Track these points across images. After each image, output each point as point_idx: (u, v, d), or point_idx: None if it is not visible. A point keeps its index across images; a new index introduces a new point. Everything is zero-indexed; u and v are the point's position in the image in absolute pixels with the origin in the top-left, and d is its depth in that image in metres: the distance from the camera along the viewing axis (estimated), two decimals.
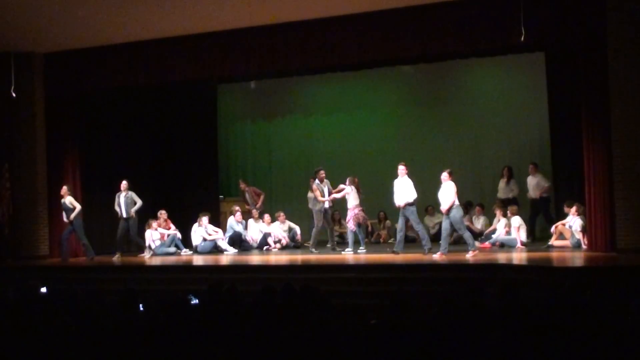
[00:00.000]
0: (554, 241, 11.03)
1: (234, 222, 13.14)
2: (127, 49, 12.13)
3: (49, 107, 12.74)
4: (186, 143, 14.52)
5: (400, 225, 10.88)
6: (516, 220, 11.50)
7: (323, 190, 11.90)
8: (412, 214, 10.71)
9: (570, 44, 10.48)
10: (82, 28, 11.29)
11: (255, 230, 13.34)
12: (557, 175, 12.19)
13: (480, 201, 13.10)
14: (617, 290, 5.92)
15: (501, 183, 12.58)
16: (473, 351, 3.97)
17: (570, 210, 10.84)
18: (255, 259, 11.87)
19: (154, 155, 14.64)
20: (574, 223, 10.76)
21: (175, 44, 11.87)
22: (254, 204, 13.72)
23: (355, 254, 11.26)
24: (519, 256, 10.34)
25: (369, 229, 13.67)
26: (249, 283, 8.76)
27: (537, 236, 12.14)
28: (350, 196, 11.50)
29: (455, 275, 9.12)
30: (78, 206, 11.94)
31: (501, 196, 12.46)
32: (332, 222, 12.68)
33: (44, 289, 6.92)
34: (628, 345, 3.90)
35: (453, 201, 10.26)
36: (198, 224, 12.78)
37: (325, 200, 11.83)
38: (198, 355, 3.94)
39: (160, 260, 11.84)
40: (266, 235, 13.18)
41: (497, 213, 11.97)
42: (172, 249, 12.58)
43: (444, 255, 10.13)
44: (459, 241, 11.08)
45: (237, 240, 13.01)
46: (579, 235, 10.63)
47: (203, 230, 12.78)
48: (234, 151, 16.24)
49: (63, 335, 4.38)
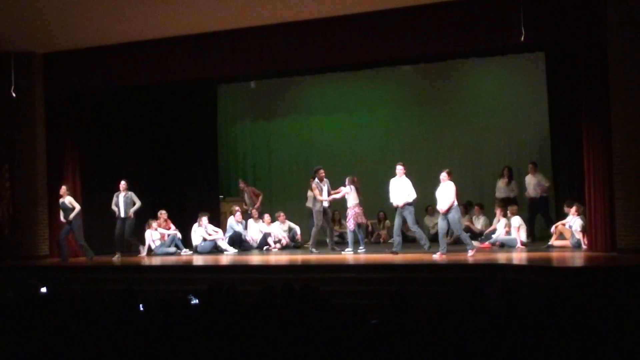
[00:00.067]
0: (554, 241, 11.03)
1: (234, 222, 13.14)
2: (127, 49, 12.13)
3: (48, 107, 12.75)
4: (186, 143, 14.51)
5: (397, 226, 10.86)
6: (516, 220, 11.50)
7: (322, 189, 11.90)
8: (410, 214, 10.71)
9: (570, 44, 10.47)
10: (82, 28, 11.29)
11: (255, 230, 13.34)
12: (557, 175, 12.19)
13: (480, 201, 13.12)
14: (617, 290, 5.92)
15: (501, 183, 12.59)
16: (473, 351, 3.97)
17: (570, 210, 10.85)
18: (255, 259, 11.86)
19: (154, 155, 14.63)
20: (574, 223, 10.76)
21: (175, 44, 11.88)
22: (252, 204, 13.75)
23: (355, 254, 11.27)
24: (519, 256, 10.34)
25: (369, 229, 13.67)
26: (249, 283, 8.78)
27: (537, 236, 12.15)
28: (349, 196, 11.51)
29: (455, 275, 9.12)
30: (77, 206, 11.93)
31: (500, 196, 12.47)
32: (332, 222, 12.68)
33: (44, 289, 6.91)
34: (628, 345, 3.90)
35: (453, 201, 10.26)
36: (198, 224, 12.79)
37: (324, 200, 11.82)
38: (198, 355, 3.94)
39: (160, 260, 11.84)
40: (266, 235, 13.18)
41: (497, 213, 11.98)
42: (172, 249, 12.58)
43: (443, 255, 10.13)
44: (459, 241, 11.07)
45: (237, 240, 13.01)
46: (579, 235, 10.63)
47: (203, 230, 12.79)
48: (234, 151, 16.25)
49: (63, 335, 4.38)
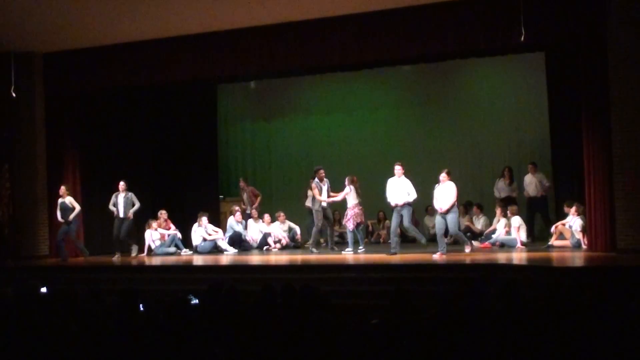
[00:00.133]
0: (554, 241, 11.03)
1: (234, 222, 13.14)
2: (127, 49, 12.13)
3: (48, 107, 12.75)
4: (186, 143, 14.52)
5: (394, 227, 10.85)
6: (516, 220, 11.50)
7: (322, 189, 11.90)
8: (408, 213, 10.70)
9: (570, 44, 10.47)
10: (82, 28, 11.30)
11: (255, 230, 13.34)
12: (557, 175, 12.19)
13: (480, 201, 13.10)
14: (617, 290, 5.92)
15: (501, 183, 12.57)
16: (473, 351, 3.97)
17: (570, 210, 10.84)
18: (255, 259, 11.86)
19: (154, 155, 14.63)
20: (574, 223, 10.76)
21: (175, 44, 11.88)
22: (250, 204, 13.74)
23: (355, 254, 11.27)
24: (519, 256, 10.34)
25: (369, 229, 13.66)
26: (249, 283, 8.76)
27: (537, 236, 12.15)
28: (349, 196, 11.50)
29: (455, 275, 9.10)
30: (78, 207, 11.94)
31: (501, 195, 12.46)
32: (332, 222, 12.67)
33: (44, 289, 6.91)
34: (628, 345, 3.90)
35: (454, 202, 10.25)
36: (198, 224, 12.79)
37: (323, 201, 11.82)
38: (198, 355, 3.94)
39: (160, 260, 11.84)
40: (266, 235, 13.18)
41: (497, 213, 11.98)
42: (172, 249, 12.58)
43: (443, 255, 10.12)
44: (458, 241, 11.06)
45: (237, 240, 13.01)
46: (579, 235, 10.63)
47: (203, 230, 12.78)
48: (234, 151, 16.24)
49: (63, 335, 4.38)
